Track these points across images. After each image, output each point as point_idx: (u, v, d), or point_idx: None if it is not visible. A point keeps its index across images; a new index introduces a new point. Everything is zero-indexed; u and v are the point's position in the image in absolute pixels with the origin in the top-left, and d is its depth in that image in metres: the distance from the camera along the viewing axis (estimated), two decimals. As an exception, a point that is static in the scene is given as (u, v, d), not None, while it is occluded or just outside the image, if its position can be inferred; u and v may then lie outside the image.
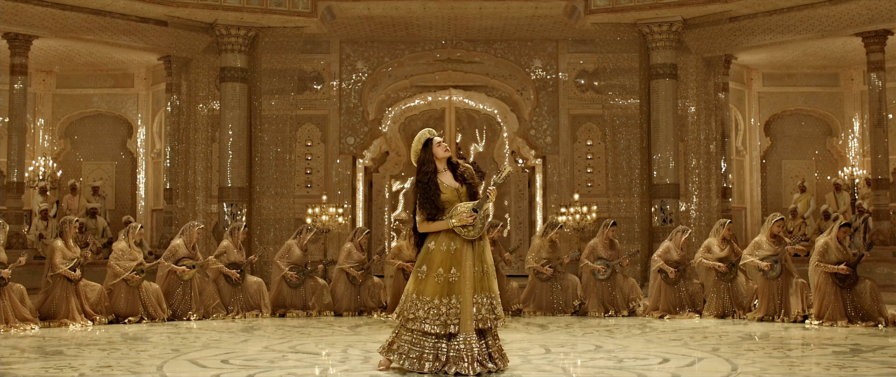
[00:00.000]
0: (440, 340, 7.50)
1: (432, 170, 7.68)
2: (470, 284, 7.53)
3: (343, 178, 21.00)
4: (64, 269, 12.42)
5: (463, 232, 7.54)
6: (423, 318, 7.52)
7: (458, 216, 7.52)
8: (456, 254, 7.58)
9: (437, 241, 7.65)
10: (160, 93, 21.85)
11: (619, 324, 12.24)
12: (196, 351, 9.38)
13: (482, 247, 7.67)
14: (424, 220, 7.69)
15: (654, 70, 19.75)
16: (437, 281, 7.56)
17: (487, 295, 7.62)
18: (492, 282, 7.68)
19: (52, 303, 12.35)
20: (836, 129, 23.38)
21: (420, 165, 7.75)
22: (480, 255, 7.64)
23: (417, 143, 7.86)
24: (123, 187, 23.71)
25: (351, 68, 20.98)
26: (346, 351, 9.42)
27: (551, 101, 20.93)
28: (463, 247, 7.58)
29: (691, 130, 20.45)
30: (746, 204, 23.05)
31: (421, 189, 7.70)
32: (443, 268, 7.57)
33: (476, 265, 7.60)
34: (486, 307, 7.58)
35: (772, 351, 9.17)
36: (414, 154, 7.88)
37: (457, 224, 7.53)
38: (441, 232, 7.65)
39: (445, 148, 7.76)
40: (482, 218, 7.55)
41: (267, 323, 12.77)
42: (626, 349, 9.41)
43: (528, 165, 22.92)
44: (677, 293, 13.68)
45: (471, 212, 7.51)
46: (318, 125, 21.03)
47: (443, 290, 7.55)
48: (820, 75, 23.17)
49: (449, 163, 7.77)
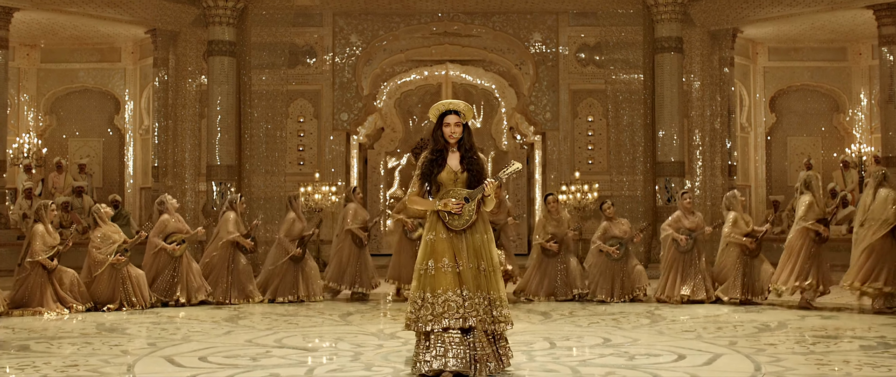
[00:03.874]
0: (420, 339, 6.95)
1: (442, 145, 7.08)
2: (451, 279, 6.81)
3: (337, 155, 20.39)
4: (43, 257, 11.79)
5: (448, 220, 6.91)
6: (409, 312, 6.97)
7: (446, 200, 6.93)
8: (436, 245, 6.92)
9: (427, 230, 7.07)
10: (148, 67, 21.30)
11: (625, 312, 11.58)
12: (174, 345, 8.72)
13: (481, 242, 6.96)
14: (415, 193, 7.14)
15: (659, 44, 19.22)
16: (420, 274, 6.95)
17: (484, 295, 6.87)
18: (492, 282, 6.93)
19: (26, 291, 11.69)
20: (843, 104, 22.85)
21: (433, 136, 7.16)
22: (477, 250, 6.93)
23: (434, 113, 7.17)
24: (111, 165, 23.16)
25: (344, 42, 20.33)
26: (335, 344, 8.76)
27: (551, 76, 20.32)
28: (448, 237, 6.92)
29: (696, 106, 19.95)
30: (751, 181, 22.50)
31: (424, 160, 7.13)
32: (432, 260, 6.90)
33: (470, 260, 6.88)
34: (483, 308, 6.83)
35: (793, 345, 8.52)
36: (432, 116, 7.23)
37: (441, 208, 6.93)
38: (434, 220, 7.02)
39: (451, 134, 7.05)
40: (470, 211, 6.91)
41: (256, 310, 12.08)
42: (636, 343, 8.75)
43: (526, 142, 22.49)
44: (692, 263, 13.05)
45: (461, 200, 6.91)
46: (310, 100, 20.44)
47: (421, 284, 6.91)
48: (827, 49, 22.67)
49: (460, 145, 7.09)
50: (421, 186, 7.13)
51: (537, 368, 7.35)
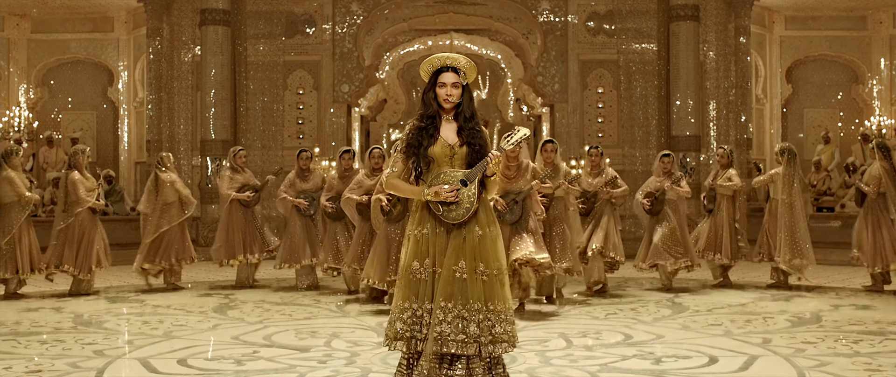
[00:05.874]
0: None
1: (435, 110, 5.52)
2: (447, 288, 5.33)
3: (337, 127, 19.66)
4: (91, 201, 11.57)
5: (443, 213, 5.39)
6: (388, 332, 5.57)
7: (436, 188, 5.37)
8: (425, 242, 5.46)
9: (412, 223, 5.58)
10: (141, 37, 20.62)
11: (644, 300, 10.78)
12: (153, 343, 7.92)
13: (481, 238, 5.42)
14: (396, 174, 5.60)
15: (675, 11, 18.51)
16: (405, 280, 5.48)
17: (483, 308, 5.36)
18: (494, 289, 5.38)
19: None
20: (862, 75, 22.10)
21: (423, 99, 5.60)
22: (473, 249, 5.39)
23: (426, 69, 5.58)
24: (105, 138, 22.50)
25: (345, 10, 19.53)
26: (329, 342, 7.96)
27: (559, 46, 19.55)
28: (442, 232, 5.45)
29: (711, 77, 19.16)
30: (765, 155, 21.74)
31: (410, 129, 5.56)
32: (417, 260, 5.44)
33: (467, 261, 5.36)
34: (475, 323, 5.32)
35: (834, 344, 7.70)
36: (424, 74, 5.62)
37: (431, 197, 5.38)
38: (420, 209, 5.52)
39: (448, 96, 5.48)
40: (470, 198, 5.35)
41: (246, 298, 11.28)
42: (661, 340, 7.93)
43: (534, 114, 21.85)
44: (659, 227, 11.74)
45: (457, 184, 5.37)
46: (310, 72, 19.70)
47: (408, 292, 5.46)
48: (846, 18, 21.93)
49: (458, 113, 5.52)
50: (405, 164, 5.55)
51: (553, 375, 6.56)
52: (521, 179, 9.37)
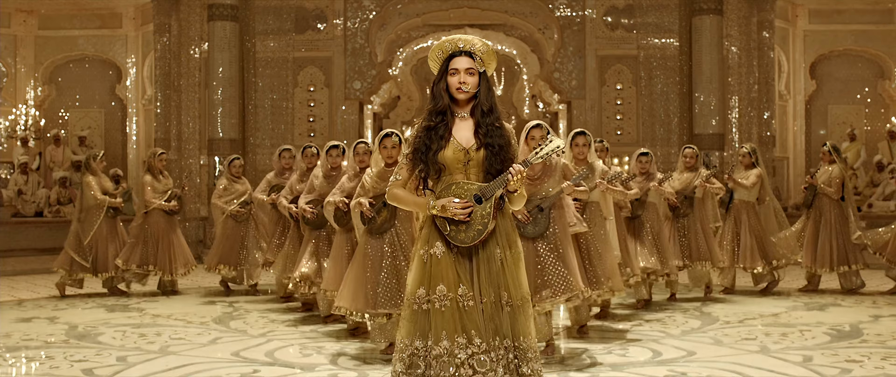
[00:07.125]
0: None
1: (445, 105, 4.61)
2: (458, 318, 4.39)
3: (349, 125, 19.20)
4: (158, 202, 11.75)
5: (450, 232, 4.46)
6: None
7: (445, 201, 4.45)
8: (437, 266, 4.49)
9: (418, 241, 4.63)
10: (150, 34, 20.23)
11: (670, 309, 10.21)
12: (147, 360, 7.39)
13: (502, 261, 4.51)
14: (399, 183, 4.67)
15: (697, 5, 17.89)
16: (410, 311, 4.55)
17: (504, 344, 4.43)
18: (519, 322, 4.46)
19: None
20: (889, 70, 21.55)
21: (432, 91, 4.72)
22: (495, 275, 4.49)
23: (435, 55, 4.77)
24: (113, 137, 22.10)
25: (357, 5, 19.09)
26: (335, 360, 7.44)
27: (577, 41, 19.07)
28: (452, 254, 4.50)
29: (734, 73, 18.59)
30: (789, 153, 21.22)
31: (418, 131, 4.65)
32: (423, 287, 4.49)
33: (482, 291, 4.46)
34: (503, 363, 4.40)
35: (881, 362, 7.14)
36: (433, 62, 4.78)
37: (438, 212, 4.47)
38: (428, 225, 4.58)
39: (461, 84, 4.59)
40: (483, 217, 4.42)
41: (253, 308, 10.75)
42: (694, 358, 7.33)
43: (550, 111, 21.42)
44: (640, 235, 10.27)
45: (469, 199, 4.44)
46: (321, 68, 19.26)
47: (414, 327, 4.52)
48: (872, 11, 21.35)
49: (474, 107, 4.60)
50: (411, 171, 4.66)
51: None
52: (549, 180, 7.42)
